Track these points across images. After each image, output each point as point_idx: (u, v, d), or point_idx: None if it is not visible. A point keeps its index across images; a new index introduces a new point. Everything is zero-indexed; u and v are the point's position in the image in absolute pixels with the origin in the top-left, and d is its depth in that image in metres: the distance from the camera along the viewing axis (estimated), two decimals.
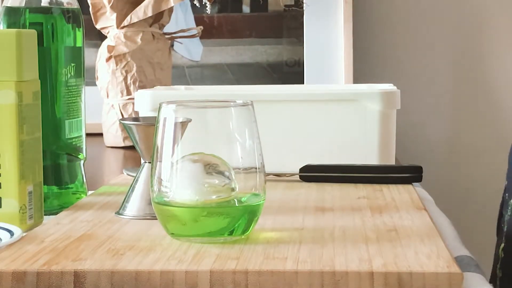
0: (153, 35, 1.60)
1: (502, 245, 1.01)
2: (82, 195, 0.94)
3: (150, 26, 1.61)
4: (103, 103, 1.61)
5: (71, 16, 0.91)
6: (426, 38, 1.93)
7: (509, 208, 1.00)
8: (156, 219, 0.75)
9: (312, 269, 0.63)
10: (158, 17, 1.62)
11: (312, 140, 1.10)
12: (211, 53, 1.94)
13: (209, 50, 1.93)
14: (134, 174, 0.86)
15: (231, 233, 0.72)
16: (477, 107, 1.90)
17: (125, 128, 0.84)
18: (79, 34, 0.93)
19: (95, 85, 1.62)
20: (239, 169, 0.73)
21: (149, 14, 1.57)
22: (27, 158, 0.79)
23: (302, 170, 1.03)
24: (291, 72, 1.90)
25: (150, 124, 0.81)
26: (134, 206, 0.83)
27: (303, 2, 1.87)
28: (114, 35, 1.59)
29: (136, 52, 1.58)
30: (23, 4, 0.90)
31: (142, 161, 0.85)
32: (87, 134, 0.97)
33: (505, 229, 1.01)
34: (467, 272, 0.69)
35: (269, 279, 0.63)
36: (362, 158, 1.07)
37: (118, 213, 0.84)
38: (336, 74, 1.88)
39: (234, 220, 0.72)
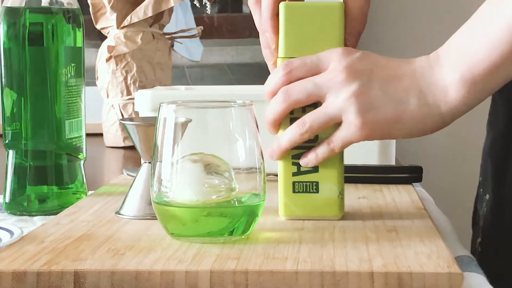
0: (153, 35, 1.60)
1: (479, 239, 1.02)
2: (82, 195, 0.94)
3: (150, 26, 1.61)
4: (103, 103, 1.61)
5: (71, 16, 0.92)
6: (427, 38, 1.93)
7: (484, 203, 1.01)
8: (156, 219, 0.75)
9: (312, 269, 0.63)
10: (158, 17, 1.62)
11: None
12: (211, 53, 1.94)
13: (209, 50, 1.94)
14: (134, 174, 0.86)
15: (231, 233, 0.72)
16: (477, 107, 1.90)
17: (125, 128, 0.84)
18: (79, 34, 0.93)
19: (95, 85, 1.62)
20: (239, 169, 0.73)
21: (149, 14, 1.57)
22: None
23: None
24: None
25: (150, 124, 0.81)
26: (134, 206, 0.83)
27: None
28: (114, 35, 1.59)
29: (136, 52, 1.58)
30: (23, 4, 0.90)
31: (142, 161, 0.85)
32: (87, 134, 0.97)
33: (481, 224, 1.02)
34: (467, 272, 0.69)
35: (269, 279, 0.63)
36: (362, 158, 1.07)
37: (118, 213, 0.84)
38: None
39: (234, 220, 0.72)
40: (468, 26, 0.77)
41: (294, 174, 0.80)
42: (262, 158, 0.74)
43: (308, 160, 0.79)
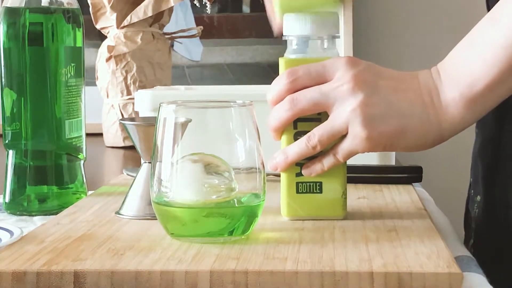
0: (153, 35, 1.60)
1: (471, 241, 1.02)
2: (82, 195, 0.94)
3: (150, 26, 1.61)
4: (103, 103, 1.61)
5: (71, 16, 0.92)
6: (427, 38, 1.93)
7: (475, 205, 1.01)
8: (156, 219, 0.75)
9: (312, 269, 0.63)
10: (158, 17, 1.62)
11: None
12: (211, 53, 1.94)
13: (209, 50, 1.94)
14: (134, 174, 0.86)
15: (231, 233, 0.72)
16: None
17: (125, 128, 0.84)
18: (79, 34, 0.93)
19: (95, 85, 1.62)
20: (239, 169, 0.73)
21: (149, 14, 1.57)
22: None
23: None
24: None
25: (150, 124, 0.81)
26: (134, 206, 0.83)
27: None
28: (114, 35, 1.59)
29: (136, 52, 1.58)
30: (23, 4, 0.90)
31: (142, 161, 0.85)
32: (87, 134, 0.97)
33: (473, 226, 1.02)
34: (467, 272, 0.69)
35: (269, 279, 0.63)
36: (362, 158, 1.07)
37: (118, 213, 0.84)
38: None
39: (234, 220, 0.72)
40: (466, 43, 0.78)
41: (297, 175, 0.81)
42: (262, 158, 0.74)
43: (312, 170, 0.80)
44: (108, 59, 1.58)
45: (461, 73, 0.76)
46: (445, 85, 0.77)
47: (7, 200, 0.92)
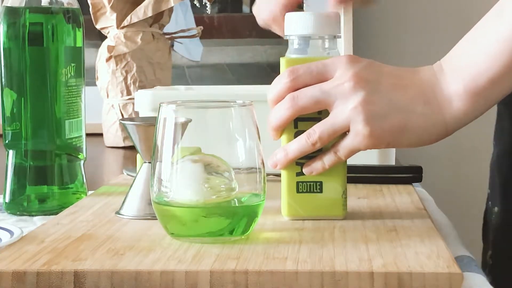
0: (153, 35, 1.60)
1: (490, 252, 1.02)
2: (82, 195, 0.94)
3: (150, 26, 1.61)
4: (103, 103, 1.61)
5: (71, 16, 0.92)
6: (427, 38, 1.93)
7: (493, 216, 1.01)
8: (156, 219, 0.75)
9: (312, 269, 0.63)
10: (158, 17, 1.62)
11: None
12: (211, 53, 1.94)
13: (209, 50, 1.94)
14: (134, 174, 0.86)
15: (231, 233, 0.72)
16: None
17: (125, 128, 0.84)
18: (79, 34, 0.93)
19: (95, 85, 1.62)
20: (239, 169, 0.73)
21: (149, 14, 1.57)
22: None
23: None
24: None
25: (150, 124, 0.81)
26: (134, 206, 0.83)
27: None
28: (114, 35, 1.59)
29: (136, 52, 1.58)
30: (23, 4, 0.90)
31: (142, 161, 0.85)
32: (87, 134, 0.97)
33: (491, 237, 1.02)
34: (467, 272, 0.69)
35: (269, 279, 0.63)
36: (362, 158, 1.07)
37: (118, 213, 0.84)
38: None
39: (234, 220, 0.72)
40: (470, 36, 0.77)
41: (298, 174, 0.81)
42: (262, 158, 0.74)
43: (313, 168, 0.79)
44: (108, 59, 1.58)
45: (465, 66, 0.76)
46: (448, 79, 0.77)
47: (7, 200, 0.92)
